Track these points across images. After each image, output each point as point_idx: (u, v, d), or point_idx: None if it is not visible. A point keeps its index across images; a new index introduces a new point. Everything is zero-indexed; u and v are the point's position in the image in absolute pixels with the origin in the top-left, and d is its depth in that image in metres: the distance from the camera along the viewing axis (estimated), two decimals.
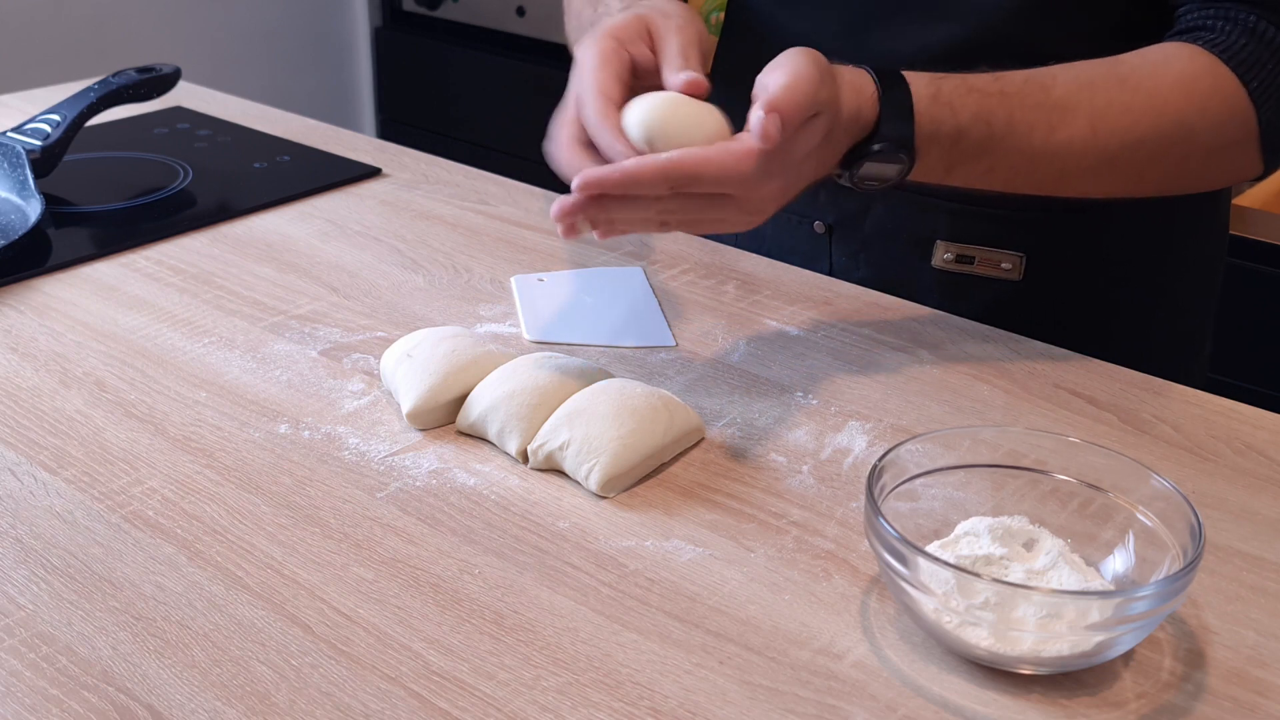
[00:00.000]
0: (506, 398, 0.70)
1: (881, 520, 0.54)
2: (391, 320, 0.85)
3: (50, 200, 1.02)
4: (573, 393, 0.71)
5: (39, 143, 1.04)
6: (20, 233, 0.94)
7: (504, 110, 2.49)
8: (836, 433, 0.72)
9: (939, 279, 0.91)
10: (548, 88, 2.66)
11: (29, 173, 1.00)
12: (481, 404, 0.71)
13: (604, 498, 0.67)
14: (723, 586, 0.60)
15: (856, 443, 0.71)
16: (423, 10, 2.62)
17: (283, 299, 0.88)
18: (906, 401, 0.76)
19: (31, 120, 1.07)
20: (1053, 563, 0.57)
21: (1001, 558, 0.58)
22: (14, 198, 1.01)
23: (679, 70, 0.70)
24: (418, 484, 0.68)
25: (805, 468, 0.69)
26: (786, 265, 0.95)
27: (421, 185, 1.10)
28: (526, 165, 2.42)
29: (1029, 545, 0.59)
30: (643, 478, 0.68)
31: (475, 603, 0.59)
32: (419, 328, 0.83)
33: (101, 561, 0.61)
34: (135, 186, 1.09)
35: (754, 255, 0.97)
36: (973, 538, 0.59)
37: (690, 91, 0.68)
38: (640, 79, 0.72)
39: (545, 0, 2.39)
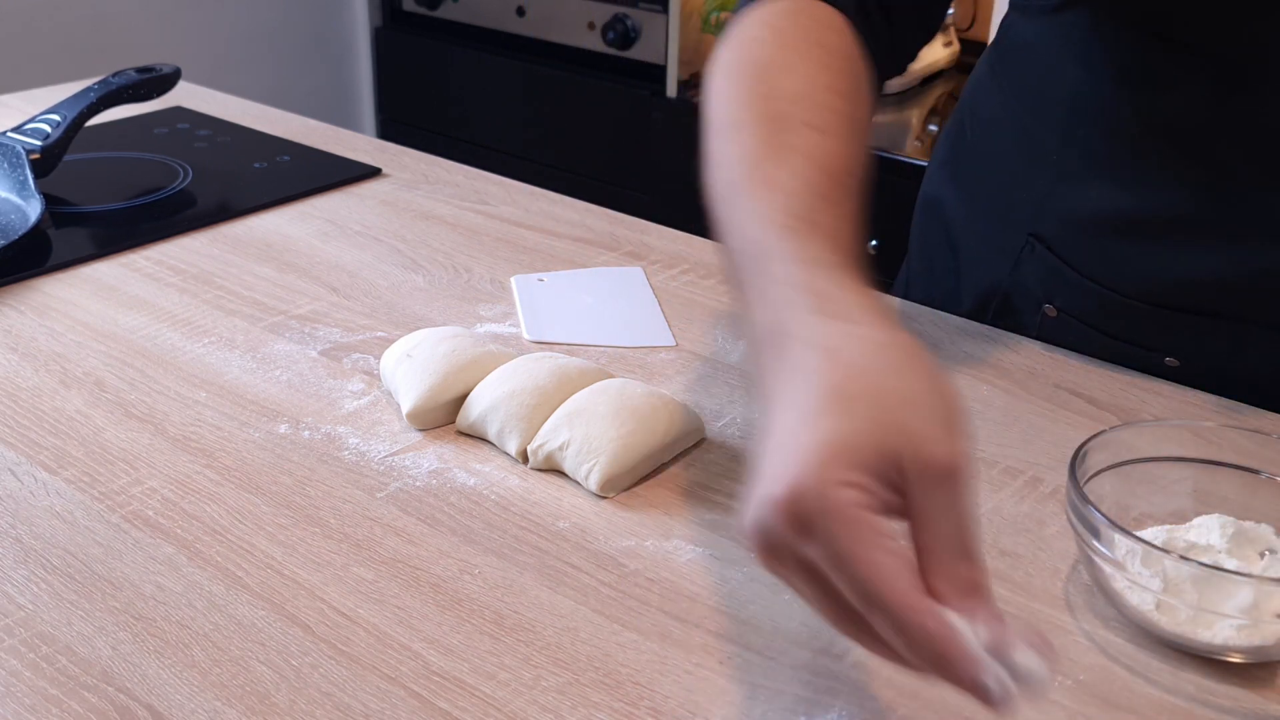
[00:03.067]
0: (506, 398, 0.70)
1: (1089, 505, 0.56)
2: (391, 320, 0.85)
3: (50, 200, 1.02)
4: (573, 393, 0.71)
5: (39, 143, 1.03)
6: (20, 233, 0.94)
7: (504, 110, 2.49)
8: None
9: None
10: (548, 88, 2.66)
11: (29, 173, 1.00)
12: (481, 404, 0.71)
13: (604, 498, 0.67)
14: (723, 586, 0.60)
15: None
16: (423, 10, 2.61)
17: (283, 299, 0.88)
18: None
19: (31, 120, 1.07)
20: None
21: (1220, 552, 0.58)
22: (14, 198, 1.01)
23: (962, 592, 0.45)
24: (418, 484, 0.67)
25: None
26: None
27: (421, 185, 1.10)
28: (526, 165, 2.43)
29: (1264, 554, 0.59)
30: (643, 478, 0.68)
31: (475, 603, 0.59)
32: (419, 328, 0.83)
33: (101, 561, 0.61)
34: (135, 186, 1.09)
35: None
36: (1204, 530, 0.59)
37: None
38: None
39: (545, 0, 2.39)
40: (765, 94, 0.64)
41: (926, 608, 0.43)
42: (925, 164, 1.01)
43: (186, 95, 1.33)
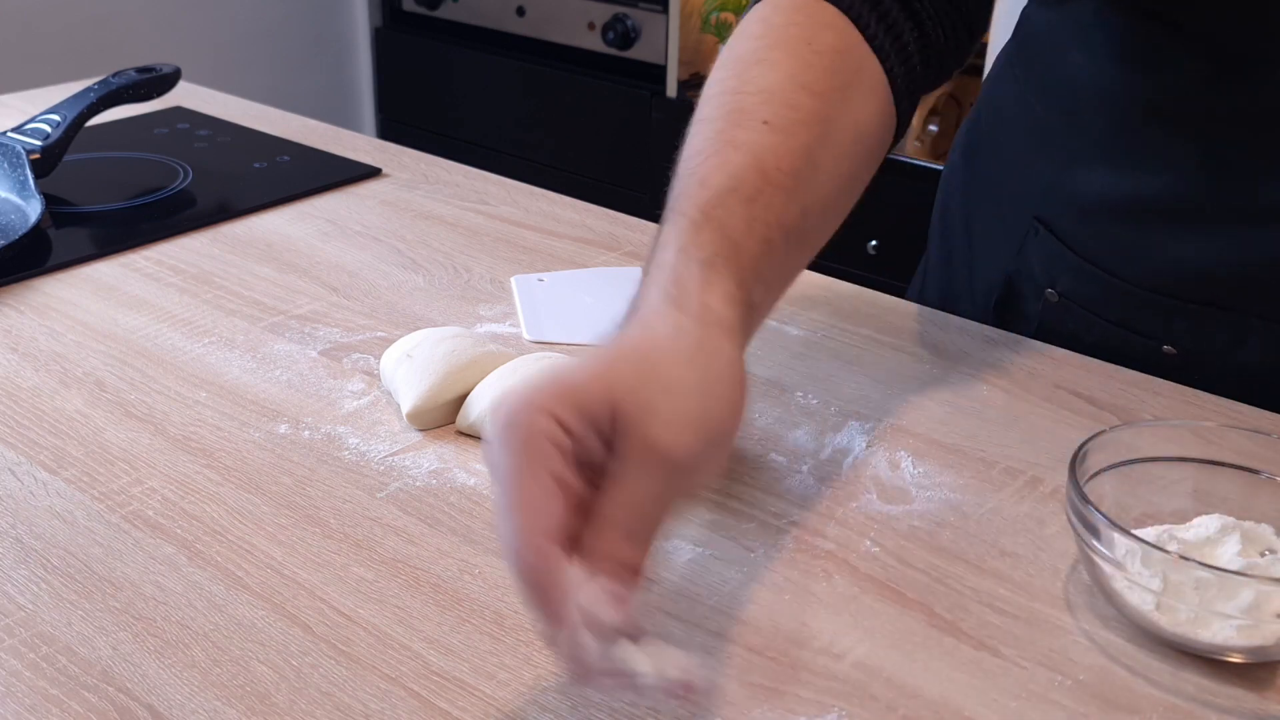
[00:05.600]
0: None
1: (1089, 504, 0.56)
2: (391, 320, 0.85)
3: (50, 200, 1.02)
4: None
5: (39, 143, 1.03)
6: (20, 233, 0.94)
7: (504, 110, 2.49)
8: (836, 433, 0.72)
9: None
10: (548, 88, 2.66)
11: (29, 173, 1.00)
12: (481, 404, 0.71)
13: None
14: (723, 586, 0.60)
15: (856, 443, 0.71)
16: (423, 10, 2.62)
17: (283, 299, 0.88)
18: (906, 401, 0.76)
19: (31, 120, 1.07)
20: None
21: (1220, 552, 0.58)
22: (14, 198, 1.01)
23: (598, 569, 0.45)
24: (418, 484, 0.68)
25: (805, 468, 0.69)
26: None
27: (421, 185, 1.10)
28: (526, 165, 2.43)
29: (1264, 554, 0.59)
30: None
31: (475, 603, 0.59)
32: (419, 328, 0.83)
33: (101, 561, 0.61)
34: (135, 186, 1.09)
35: None
36: (1204, 530, 0.59)
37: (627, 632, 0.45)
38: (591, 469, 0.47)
39: (545, 0, 2.39)
40: (735, 88, 0.64)
41: (540, 543, 0.44)
42: (926, 164, 1.01)
43: (186, 95, 1.33)
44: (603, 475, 0.47)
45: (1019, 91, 0.89)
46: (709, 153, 0.60)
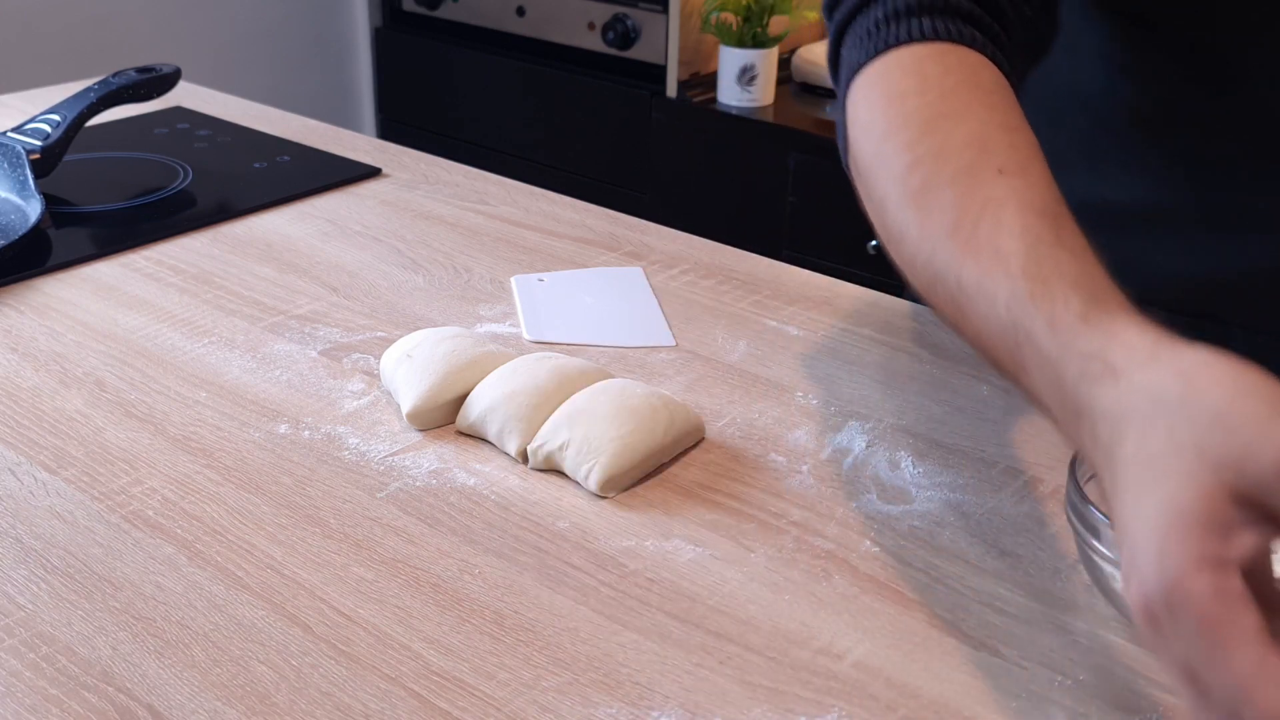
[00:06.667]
0: (506, 398, 0.70)
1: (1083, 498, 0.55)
2: (391, 320, 0.85)
3: (50, 200, 1.02)
4: (573, 393, 0.71)
5: (39, 143, 1.04)
6: (20, 233, 0.94)
7: (504, 110, 2.49)
8: (836, 433, 0.72)
9: None
10: (548, 88, 2.66)
11: (29, 173, 1.00)
12: (481, 404, 0.71)
13: (604, 498, 0.67)
14: (723, 586, 0.60)
15: (856, 443, 0.71)
16: (423, 10, 2.62)
17: (283, 299, 0.88)
18: (906, 401, 0.76)
19: (31, 120, 1.07)
20: None
21: None
22: (14, 198, 1.01)
23: None
24: (418, 484, 0.68)
25: (805, 468, 0.69)
26: (785, 265, 0.95)
27: (421, 185, 1.10)
28: (526, 165, 2.43)
29: None
30: (643, 478, 0.68)
31: (475, 603, 0.59)
32: (419, 328, 0.83)
33: (101, 561, 0.61)
34: (135, 186, 1.09)
35: (754, 255, 0.97)
36: None
37: None
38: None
39: (545, 0, 2.39)
40: (939, 150, 0.58)
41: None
42: None
43: (186, 95, 1.33)
44: None
45: None
46: (971, 221, 0.54)
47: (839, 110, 0.67)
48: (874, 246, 2.00)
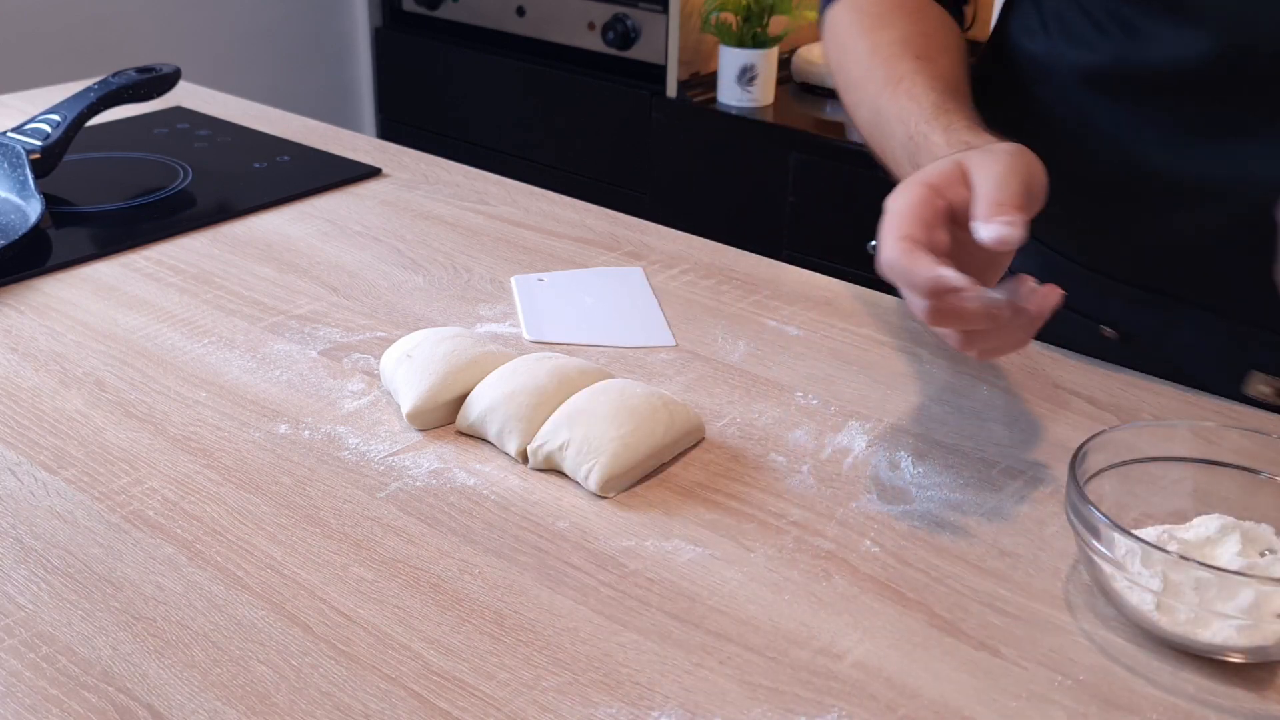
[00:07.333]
0: (506, 398, 0.70)
1: (1090, 503, 0.57)
2: (391, 320, 0.85)
3: (50, 200, 1.02)
4: (573, 393, 0.71)
5: (39, 143, 1.04)
6: (20, 233, 0.94)
7: (504, 110, 2.49)
8: (836, 433, 0.72)
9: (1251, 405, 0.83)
10: (548, 88, 2.65)
11: (29, 173, 1.00)
12: (481, 404, 0.71)
13: (604, 498, 0.67)
14: (723, 586, 0.60)
15: (856, 443, 0.71)
16: (423, 10, 2.61)
17: (283, 299, 0.88)
18: (906, 401, 0.76)
19: (31, 120, 1.07)
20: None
21: (1220, 552, 0.58)
22: (14, 198, 1.01)
23: (988, 217, 0.60)
24: (418, 484, 0.68)
25: (805, 468, 0.69)
26: (785, 265, 0.95)
27: (421, 185, 1.10)
28: (526, 165, 2.43)
29: (1264, 554, 0.59)
30: (643, 478, 0.68)
31: (475, 603, 0.59)
32: (419, 328, 0.83)
33: (101, 561, 0.61)
34: (135, 186, 1.09)
35: (754, 255, 0.97)
36: (1204, 530, 0.59)
37: (998, 246, 0.59)
38: (962, 227, 0.62)
39: (545, 0, 2.39)
40: (874, 44, 0.82)
41: (899, 240, 0.60)
42: None
43: (186, 95, 1.33)
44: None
45: (982, 65, 0.93)
46: (894, 80, 0.78)
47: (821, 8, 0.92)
48: (873, 246, 2.00)
